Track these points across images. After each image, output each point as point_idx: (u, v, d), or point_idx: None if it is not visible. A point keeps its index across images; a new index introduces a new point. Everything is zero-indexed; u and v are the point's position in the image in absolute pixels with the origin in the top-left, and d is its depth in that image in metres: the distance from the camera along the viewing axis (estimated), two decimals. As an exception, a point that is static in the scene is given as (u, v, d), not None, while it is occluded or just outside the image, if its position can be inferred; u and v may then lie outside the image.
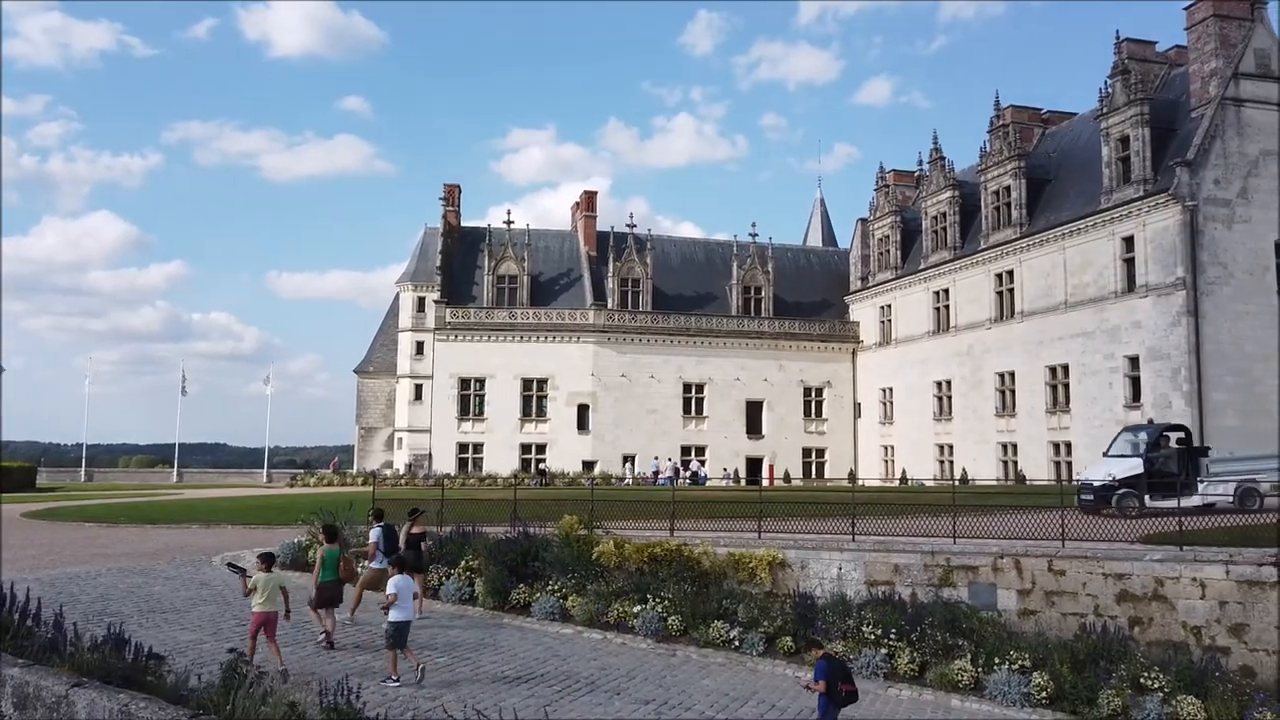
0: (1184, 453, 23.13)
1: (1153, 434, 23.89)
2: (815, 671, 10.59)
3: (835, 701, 10.34)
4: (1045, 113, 51.66)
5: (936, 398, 50.82)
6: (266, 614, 12.21)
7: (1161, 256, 37.44)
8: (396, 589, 12.32)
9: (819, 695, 10.38)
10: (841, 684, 10.43)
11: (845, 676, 10.66)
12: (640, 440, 54.20)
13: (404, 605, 12.29)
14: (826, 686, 10.28)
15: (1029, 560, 16.58)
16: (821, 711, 10.41)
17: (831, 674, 10.38)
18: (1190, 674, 13.59)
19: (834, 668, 10.56)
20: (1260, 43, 38.28)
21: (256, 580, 12.35)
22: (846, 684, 10.51)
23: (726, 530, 20.14)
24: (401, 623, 12.24)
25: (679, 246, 62.97)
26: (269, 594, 12.25)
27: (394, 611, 12.21)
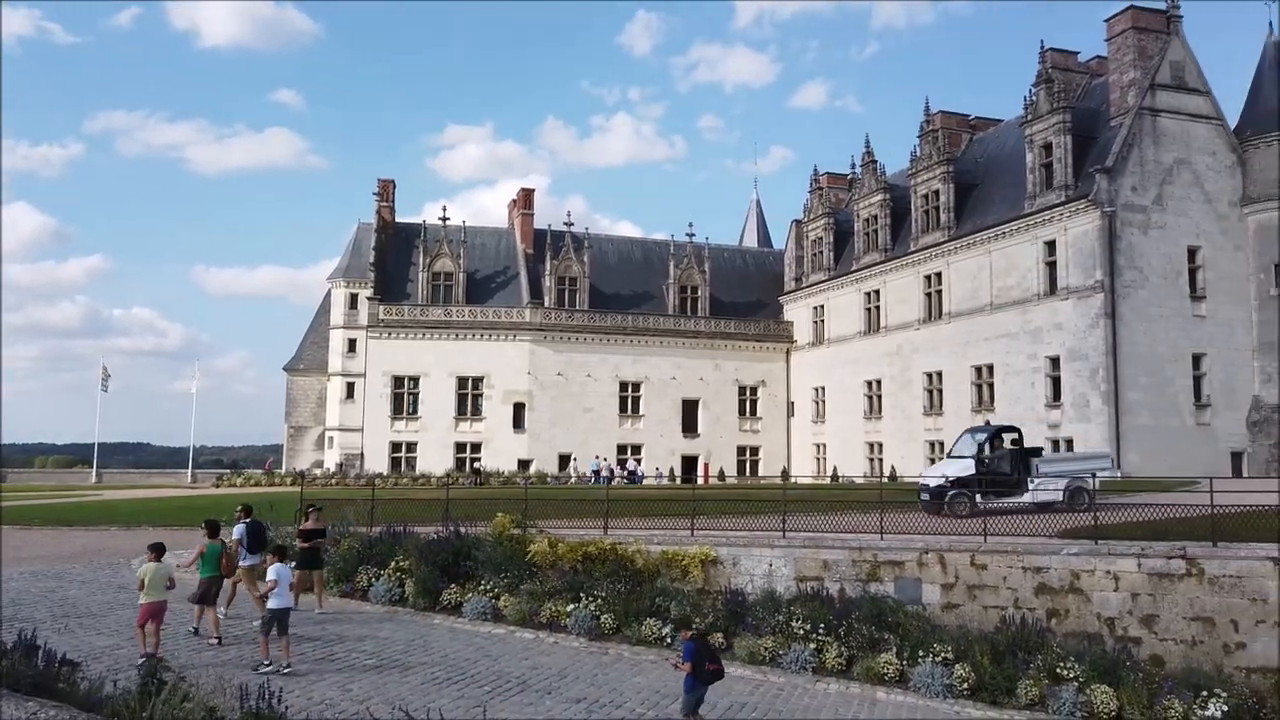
0: (1016, 453, 23.64)
1: (987, 435, 24.28)
2: (684, 652, 11.15)
3: (702, 679, 10.95)
4: (973, 119, 53.00)
5: (867, 397, 51.79)
6: (154, 604, 12.32)
7: (1082, 260, 38.72)
8: (276, 576, 12.67)
9: (686, 674, 10.98)
10: (708, 663, 11.03)
11: (712, 656, 11.24)
12: (577, 439, 54.13)
13: (281, 593, 12.64)
14: (693, 666, 10.87)
15: (953, 555, 17.01)
16: (688, 689, 11.00)
17: (698, 654, 10.96)
18: (1104, 664, 14.09)
19: (701, 648, 11.14)
20: (1175, 55, 39.86)
21: (144, 571, 12.47)
22: (713, 663, 11.13)
23: (660, 529, 20.26)
24: (280, 610, 12.59)
25: (616, 245, 63.04)
26: (157, 585, 12.38)
27: (272, 599, 12.56)
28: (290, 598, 13.09)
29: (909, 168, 49.58)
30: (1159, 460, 35.92)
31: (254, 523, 16.47)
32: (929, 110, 49.69)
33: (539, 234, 58.58)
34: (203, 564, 14.17)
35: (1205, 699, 13.01)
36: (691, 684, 10.93)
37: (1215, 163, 39.88)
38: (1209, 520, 16.42)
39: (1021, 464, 22.87)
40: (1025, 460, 23.14)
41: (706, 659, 11.00)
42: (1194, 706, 12.94)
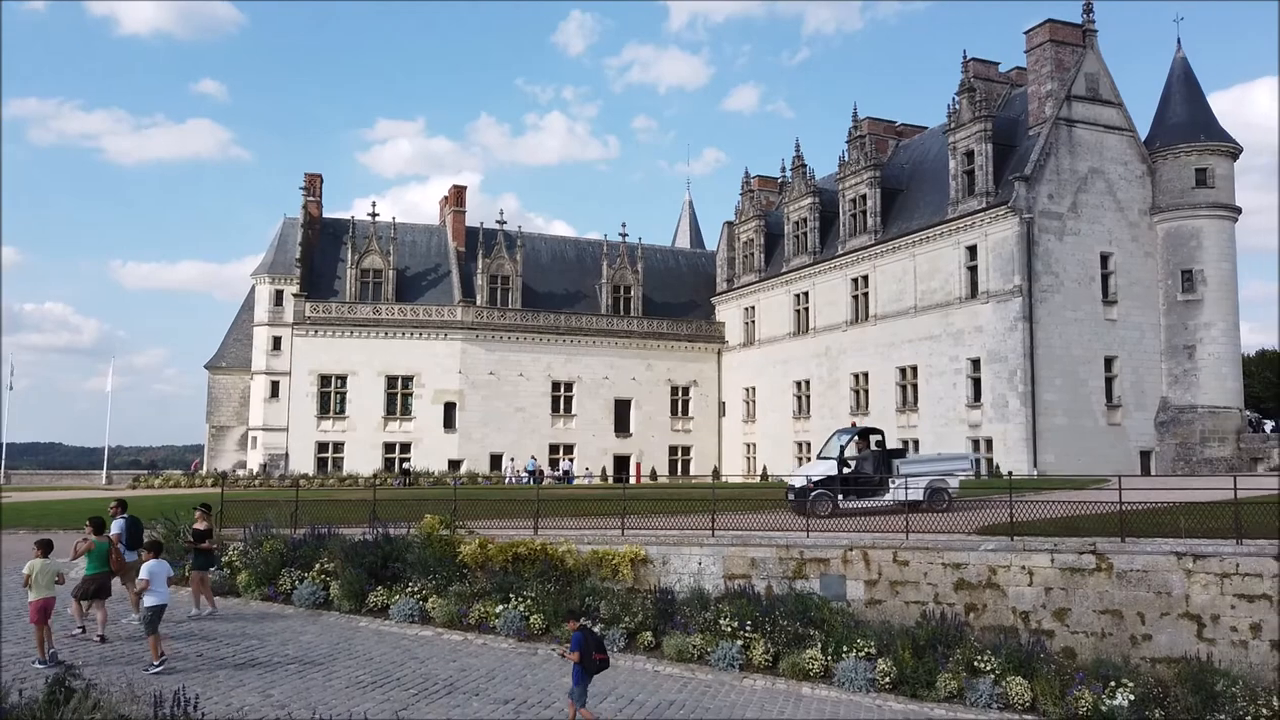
0: (879, 455, 24.13)
1: (850, 437, 24.67)
2: (571, 643, 11.43)
3: (589, 669, 11.28)
4: (899, 125, 54.19)
5: (796, 397, 52.57)
6: (44, 601, 12.27)
7: (1001, 265, 39.92)
8: (150, 574, 12.76)
9: (574, 664, 11.28)
10: (595, 653, 11.36)
11: (598, 646, 11.58)
12: (509, 439, 53.78)
13: (158, 590, 12.72)
14: (580, 656, 11.19)
15: (876, 552, 17.40)
16: (576, 679, 11.28)
17: (585, 645, 11.30)
18: (1019, 656, 14.57)
19: (588, 639, 11.47)
20: (1090, 68, 41.36)
21: (30, 567, 12.32)
22: (599, 653, 11.47)
23: (591, 528, 20.29)
24: (157, 607, 12.65)
25: (550, 244, 62.81)
26: (45, 581, 12.36)
27: (148, 596, 12.65)
28: (166, 594, 13.11)
29: (837, 172, 50.47)
30: (1073, 459, 37.28)
31: (131, 519, 16.33)
32: (857, 116, 50.64)
33: (471, 231, 58.02)
34: (90, 560, 14.07)
35: (1113, 689, 13.54)
36: (579, 673, 11.22)
37: (1127, 172, 41.51)
38: (1118, 517, 17.10)
39: (884, 465, 23.27)
40: (888, 461, 23.56)
41: (593, 649, 11.32)
42: (1103, 696, 13.47)
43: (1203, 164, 40.90)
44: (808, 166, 54.13)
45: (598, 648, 11.45)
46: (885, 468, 23.06)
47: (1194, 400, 39.98)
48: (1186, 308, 40.61)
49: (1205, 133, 41.42)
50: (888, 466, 23.15)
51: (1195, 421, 39.71)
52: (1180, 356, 40.55)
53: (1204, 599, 15.53)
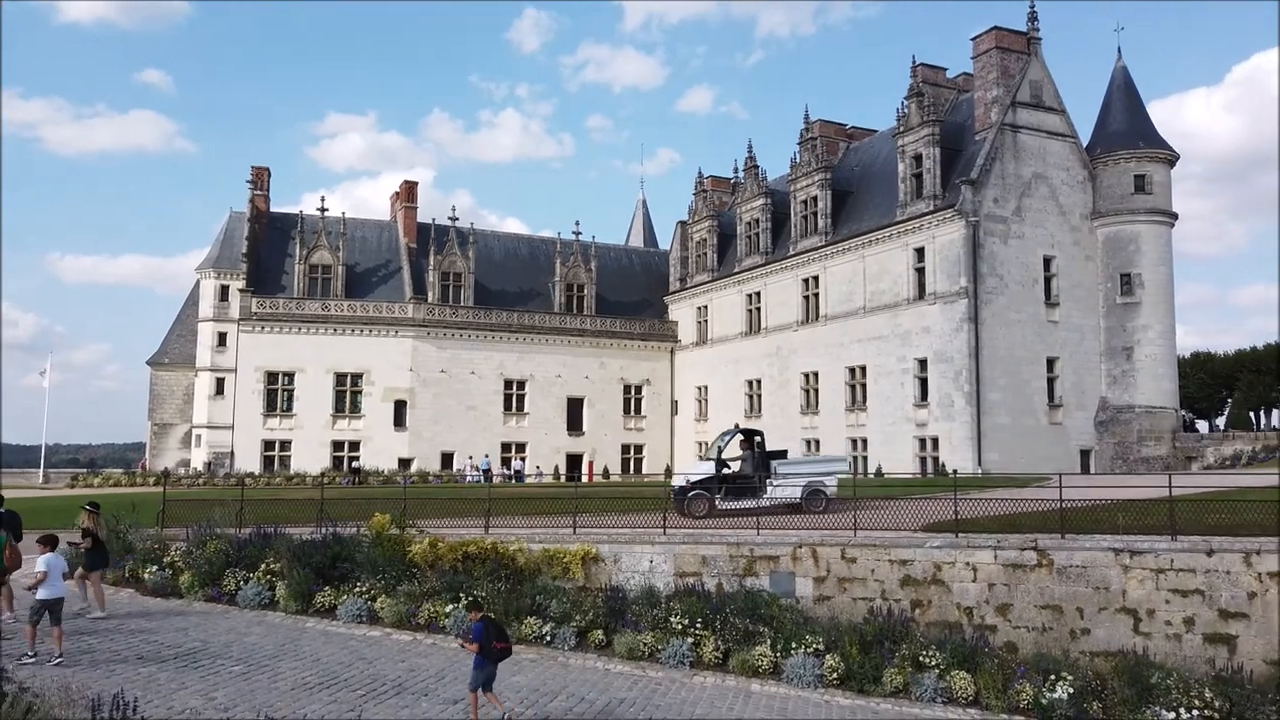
0: (757, 456, 24.01)
1: (730, 438, 24.91)
2: (473, 633, 11.57)
3: (490, 658, 11.42)
4: (850, 128, 54.88)
5: (748, 395, 52.97)
6: None
7: (948, 267, 40.65)
8: (46, 567, 12.77)
9: (475, 654, 11.42)
10: (496, 642, 11.49)
11: (499, 635, 11.70)
12: (460, 437, 53.40)
13: (53, 583, 12.76)
14: (480, 646, 11.36)
15: (824, 549, 17.62)
16: (477, 667, 11.42)
17: (486, 634, 11.44)
18: (963, 651, 14.84)
19: (488, 628, 11.58)
20: (1035, 75, 42.31)
21: None
22: (500, 642, 11.60)
23: (543, 527, 20.24)
24: (52, 600, 12.70)
25: (503, 242, 62.47)
26: None
27: (41, 589, 12.66)
28: (63, 587, 13.11)
29: (789, 174, 50.95)
30: (1016, 457, 38.12)
31: (8, 512, 16.04)
32: (808, 119, 51.18)
33: (423, 228, 57.47)
34: None
35: (1053, 682, 13.87)
36: (481, 663, 11.38)
37: (1069, 178, 42.55)
38: (1059, 514, 17.53)
39: (764, 466, 23.26)
40: (767, 463, 23.58)
41: (494, 638, 11.47)
42: (1043, 690, 13.78)
43: (1141, 171, 42.07)
44: (760, 168, 54.57)
45: (499, 636, 11.61)
46: (764, 469, 23.13)
47: (1132, 400, 41.13)
48: (1125, 310, 41.74)
49: (1144, 140, 42.62)
50: (767, 468, 23.23)
51: (1133, 421, 40.84)
52: (1119, 358, 41.67)
53: (1140, 594, 16.00)
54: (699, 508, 21.60)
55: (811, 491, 22.12)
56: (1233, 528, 16.65)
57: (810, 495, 21.96)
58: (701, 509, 21.57)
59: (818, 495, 22.13)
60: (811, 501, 21.86)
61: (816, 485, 22.45)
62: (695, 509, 21.51)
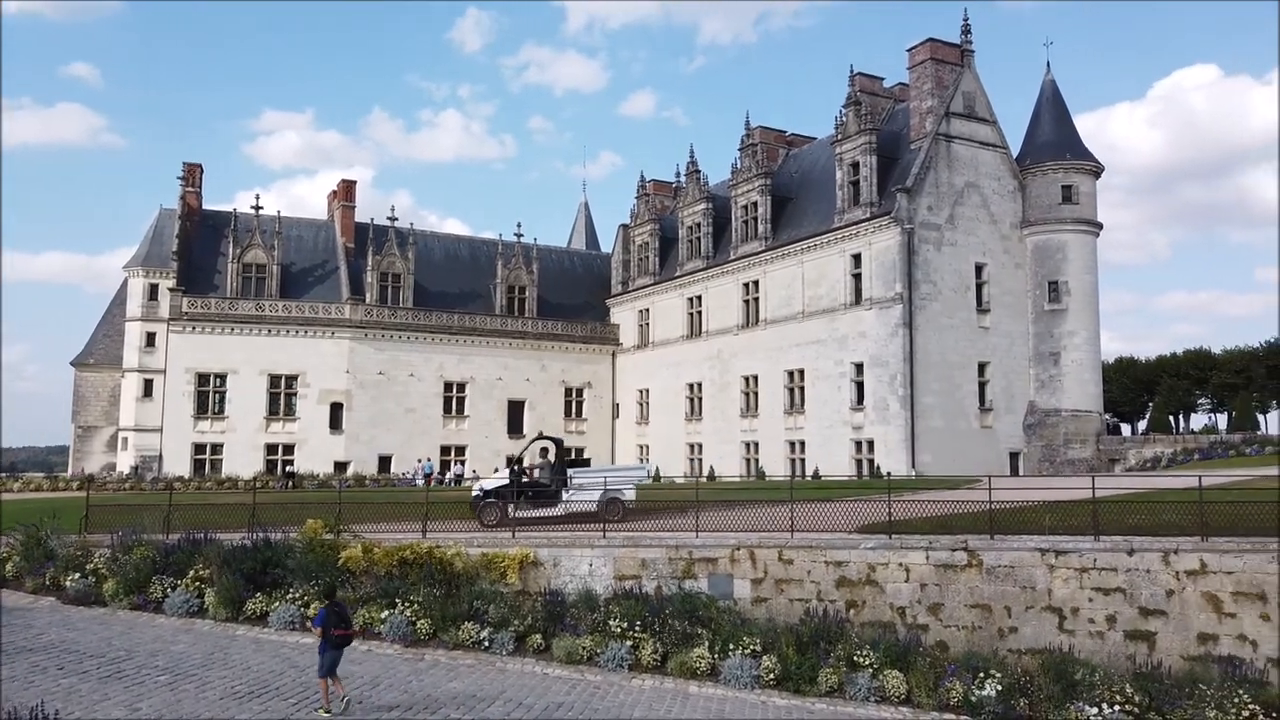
0: (554, 465, 24.07)
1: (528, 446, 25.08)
2: (315, 620, 11.86)
3: (332, 643, 11.65)
4: (789, 135, 55.56)
5: (689, 399, 53.26)
6: None
7: (884, 273, 41.42)
8: None
9: (320, 640, 11.66)
10: (334, 629, 11.69)
11: (340, 621, 11.90)
12: (398, 440, 52.71)
13: None
14: (323, 631, 11.60)
15: (762, 551, 17.81)
16: (321, 653, 11.67)
17: (327, 620, 11.68)
18: (896, 650, 15.15)
19: (329, 614, 11.80)
20: (967, 86, 43.37)
21: None
22: (340, 628, 11.81)
23: (481, 530, 20.10)
24: None
25: (443, 243, 61.84)
26: None
27: None
28: None
29: (730, 179, 51.40)
30: (948, 459, 38.96)
31: None
32: (749, 125, 51.69)
33: (361, 228, 56.60)
34: None
35: (982, 680, 14.23)
36: (324, 648, 11.59)
37: (1000, 187, 43.70)
38: (988, 516, 17.98)
39: (560, 475, 23.28)
40: (564, 471, 23.61)
41: (334, 624, 11.65)
42: (972, 687, 14.13)
43: (1068, 181, 43.40)
44: (702, 173, 54.93)
45: (339, 623, 11.74)
46: (561, 478, 23.10)
47: (1058, 404, 42.37)
48: (1053, 317, 43.00)
49: (1071, 152, 43.96)
50: (564, 476, 23.19)
51: (1059, 424, 42.09)
52: (1046, 363, 42.91)
53: (1065, 593, 16.49)
54: (490, 516, 21.50)
55: (609, 500, 21.94)
56: (1153, 528, 17.24)
57: (607, 504, 21.72)
58: (493, 517, 21.43)
59: (615, 504, 22.03)
60: (609, 510, 21.58)
61: (613, 494, 22.31)
62: (486, 517, 21.42)
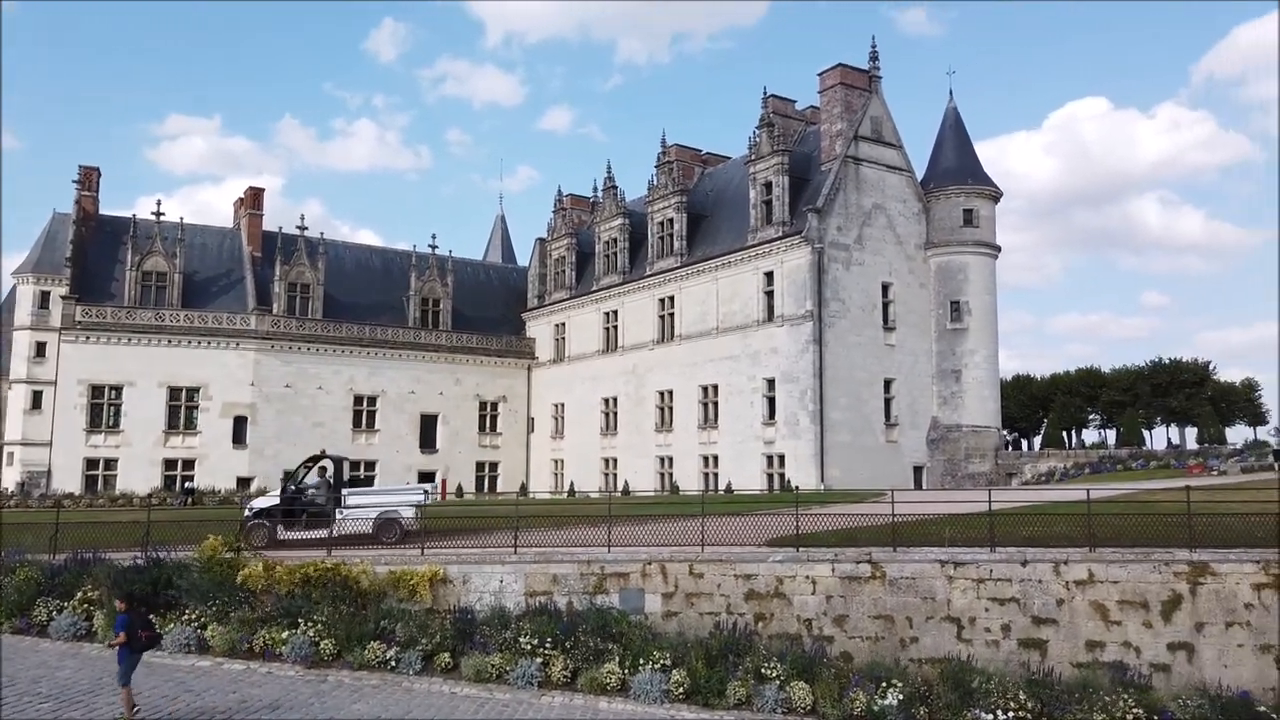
0: (329, 484, 23.08)
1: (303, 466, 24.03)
2: (116, 625, 11.66)
3: (135, 648, 11.60)
4: (705, 153, 56.32)
5: (604, 413, 53.31)
6: None
7: (795, 291, 42.31)
8: None
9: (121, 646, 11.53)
10: (141, 631, 11.66)
11: (144, 625, 11.88)
12: (305, 455, 51.06)
13: None
14: (126, 637, 11.49)
15: (673, 565, 17.93)
16: (121, 660, 11.54)
17: (131, 625, 11.59)
18: (802, 662, 15.46)
19: (133, 619, 11.73)
20: (875, 111, 44.75)
21: None
22: (145, 630, 11.79)
23: (389, 547, 19.74)
24: None
25: (355, 253, 60.61)
26: None
27: None
28: None
29: (647, 195, 51.83)
30: (855, 473, 39.91)
31: None
32: (665, 143, 52.26)
33: (269, 236, 55.07)
34: None
35: (884, 689, 14.64)
36: (124, 654, 11.49)
37: (905, 209, 45.16)
38: (891, 528, 18.48)
39: (334, 495, 22.32)
40: (338, 491, 22.64)
41: (139, 628, 11.59)
42: (875, 697, 14.52)
43: (969, 205, 45.13)
44: (619, 188, 55.22)
45: (144, 626, 11.65)
46: (335, 498, 22.11)
47: (960, 420, 43.87)
48: (954, 335, 44.55)
49: (972, 177, 45.75)
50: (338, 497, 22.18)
51: (960, 439, 43.57)
52: (949, 380, 44.40)
53: (963, 603, 17.05)
54: (258, 537, 20.46)
55: (384, 521, 21.14)
56: (1045, 539, 18.00)
57: (382, 525, 20.98)
58: (261, 539, 20.46)
59: (391, 525, 21.16)
60: (384, 531, 20.86)
61: (390, 515, 21.42)
62: (254, 539, 20.33)
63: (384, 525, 21.07)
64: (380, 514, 21.24)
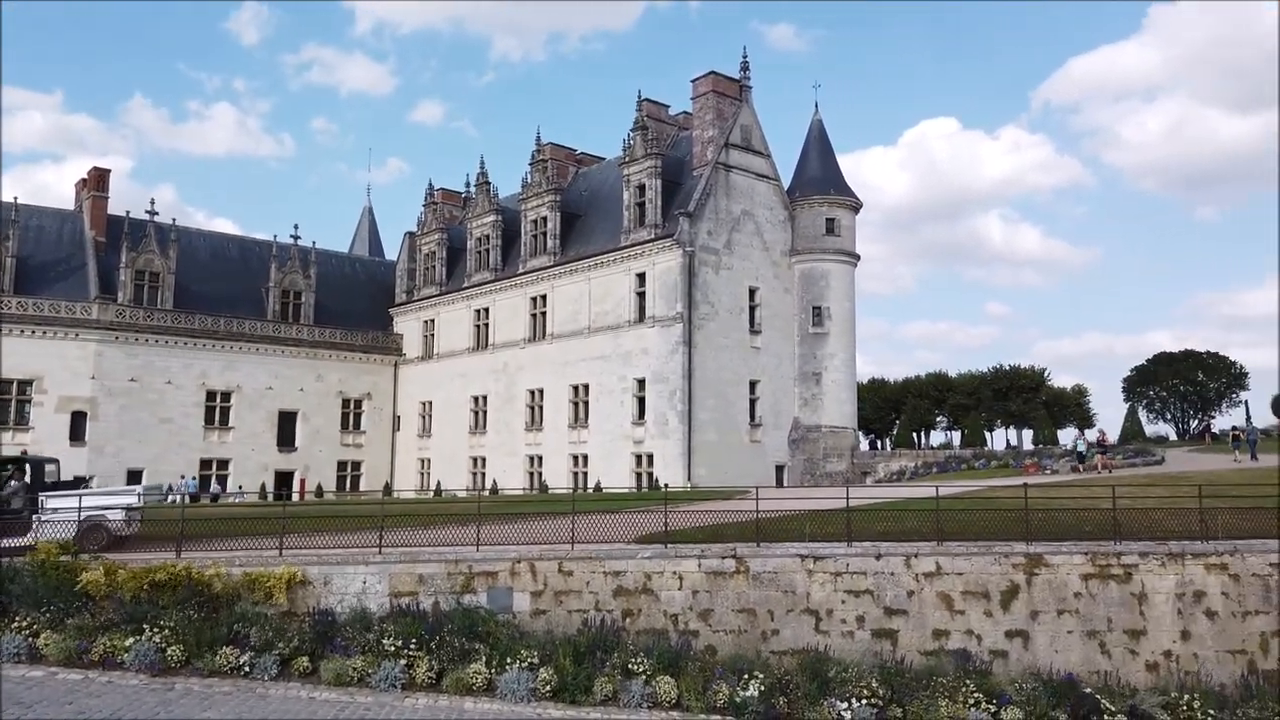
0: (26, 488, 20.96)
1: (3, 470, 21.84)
2: None
3: None
4: (579, 153, 56.42)
5: (473, 412, 52.62)
6: None
7: (666, 293, 42.95)
8: None
9: None
10: None
11: None
12: (151, 453, 48.41)
13: None
14: None
15: (542, 563, 17.92)
16: None
17: None
18: (668, 657, 15.74)
19: None
20: (745, 120, 45.91)
21: None
22: None
23: (245, 549, 18.90)
24: None
25: (210, 241, 57.68)
26: None
27: None
28: None
29: (521, 193, 51.50)
30: (721, 472, 40.87)
31: None
32: (540, 141, 52.08)
33: (115, 221, 51.74)
34: None
35: (746, 681, 15.06)
36: None
37: (772, 217, 46.54)
38: (755, 525, 19.03)
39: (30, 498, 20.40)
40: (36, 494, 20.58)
41: None
42: (737, 689, 14.92)
43: (832, 215, 46.91)
44: (492, 184, 54.60)
45: None
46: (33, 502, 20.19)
47: (819, 421, 45.55)
48: (816, 339, 46.22)
49: (834, 188, 47.57)
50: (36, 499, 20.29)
51: (820, 440, 45.24)
52: (810, 382, 46.03)
53: (821, 595, 17.75)
54: None
55: (91, 526, 19.39)
56: (898, 534, 18.94)
57: (88, 531, 19.25)
58: None
59: (98, 530, 19.46)
60: (89, 538, 19.06)
61: (96, 520, 19.64)
62: None
63: (89, 531, 19.19)
64: (86, 518, 19.43)
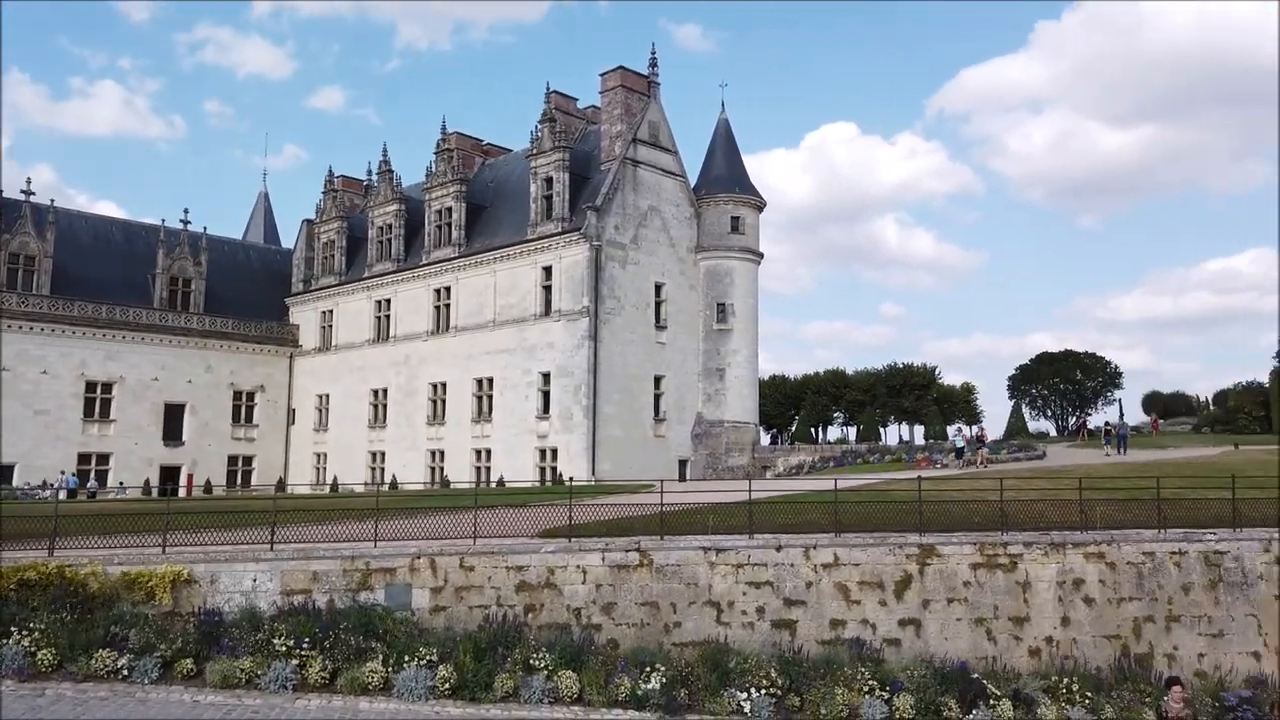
0: None
1: None
2: None
3: None
4: (486, 144, 55.69)
5: (373, 405, 51.39)
6: None
7: (573, 287, 42.77)
8: None
9: None
10: None
11: None
12: (24, 447, 45.64)
13: None
14: None
15: (443, 559, 17.57)
16: None
17: None
18: (570, 651, 15.66)
19: None
20: (653, 116, 46.08)
21: None
22: None
23: (125, 546, 17.93)
24: None
25: (93, 224, 54.70)
26: None
27: None
28: None
29: (425, 182, 50.49)
30: (626, 466, 40.96)
31: None
32: (445, 130, 51.16)
33: (-16, 200, 48.55)
34: None
35: (648, 674, 15.10)
36: None
37: (679, 213, 46.86)
38: (659, 518, 19.10)
39: None
40: None
41: None
42: (639, 681, 14.95)
43: (736, 213, 47.51)
44: (395, 173, 53.38)
45: None
46: None
47: (722, 416, 46.12)
48: (720, 336, 46.77)
49: (739, 187, 48.19)
50: None
51: (722, 434, 45.82)
52: (714, 378, 46.56)
53: (723, 587, 17.92)
54: None
55: None
56: (798, 526, 19.26)
57: None
58: None
59: None
60: None
61: None
62: None
63: None
64: None
